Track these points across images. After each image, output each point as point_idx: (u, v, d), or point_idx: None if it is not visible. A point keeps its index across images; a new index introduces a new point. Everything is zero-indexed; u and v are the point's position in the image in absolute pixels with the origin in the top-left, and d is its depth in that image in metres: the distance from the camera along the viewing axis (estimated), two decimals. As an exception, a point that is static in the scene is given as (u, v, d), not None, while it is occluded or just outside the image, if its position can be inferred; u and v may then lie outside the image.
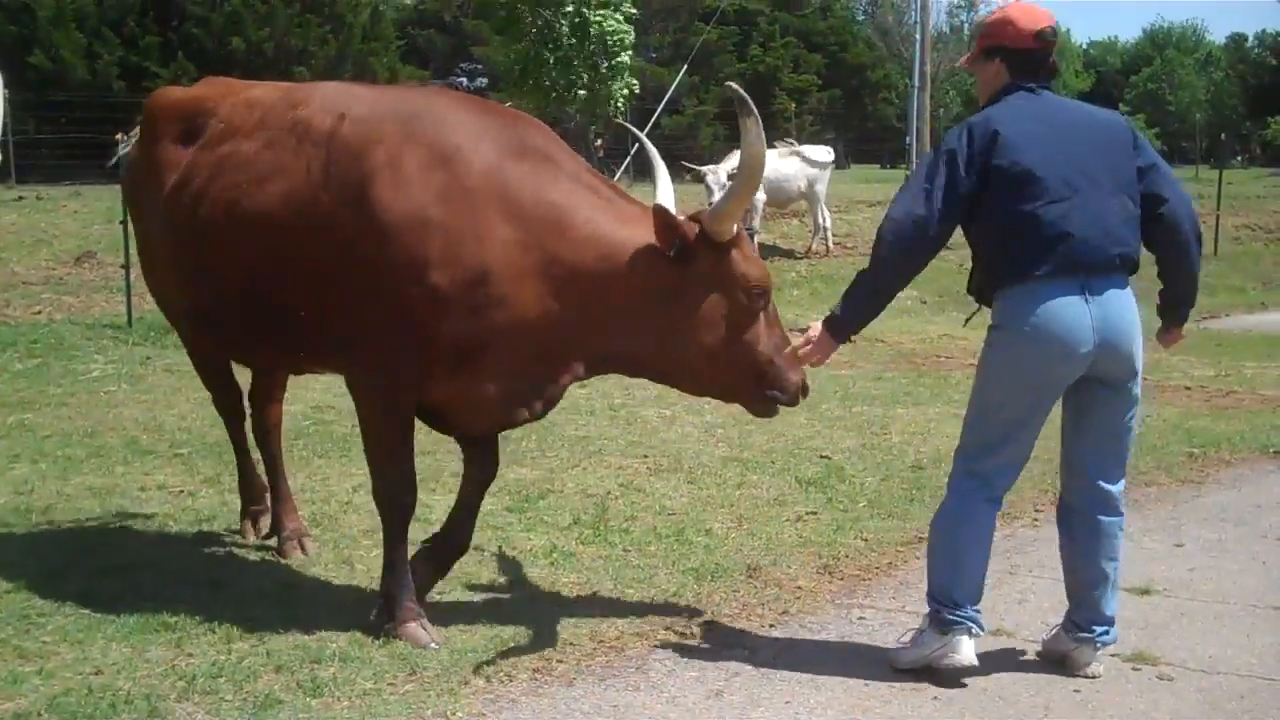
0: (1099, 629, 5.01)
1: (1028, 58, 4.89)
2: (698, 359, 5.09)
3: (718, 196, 17.86)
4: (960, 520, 4.93)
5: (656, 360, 5.19)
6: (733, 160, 18.39)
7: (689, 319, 5.03)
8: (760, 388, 5.17)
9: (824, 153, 21.03)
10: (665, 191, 5.51)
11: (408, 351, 5.06)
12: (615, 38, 14.16)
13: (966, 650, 4.86)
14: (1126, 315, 4.77)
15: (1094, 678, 4.95)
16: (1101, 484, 4.95)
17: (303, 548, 6.35)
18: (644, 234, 4.98)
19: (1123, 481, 5.03)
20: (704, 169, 18.84)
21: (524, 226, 4.99)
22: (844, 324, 4.96)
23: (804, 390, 5.24)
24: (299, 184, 5.21)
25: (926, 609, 5.03)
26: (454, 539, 5.60)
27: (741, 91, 4.89)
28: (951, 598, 4.88)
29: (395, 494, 5.29)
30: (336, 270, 5.07)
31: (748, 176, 4.95)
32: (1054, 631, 5.18)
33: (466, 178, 5.00)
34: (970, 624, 4.89)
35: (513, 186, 5.03)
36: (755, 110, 4.79)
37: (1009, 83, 4.90)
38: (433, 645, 5.08)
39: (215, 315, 5.75)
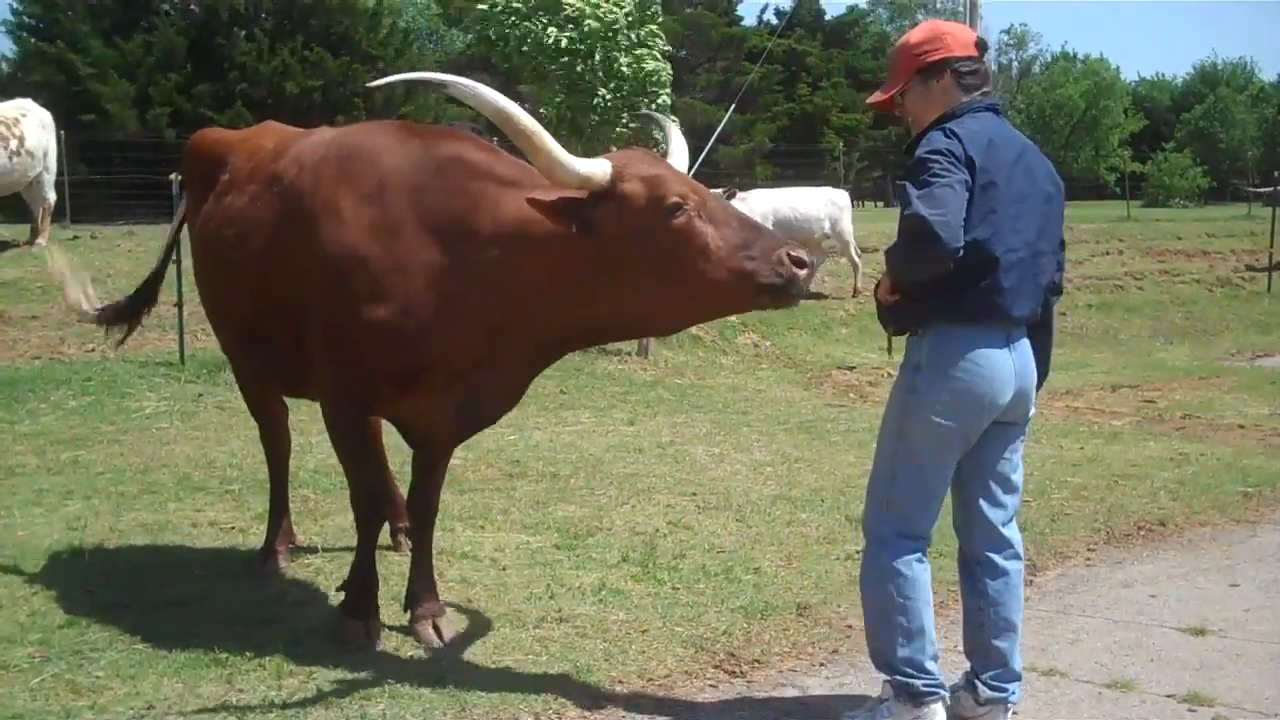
0: (1010, 686, 4.75)
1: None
2: (661, 299, 4.86)
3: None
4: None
5: (621, 321, 5.10)
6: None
7: (630, 272, 4.78)
8: (749, 286, 4.70)
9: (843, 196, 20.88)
10: (677, 155, 5.40)
11: (354, 378, 5.34)
12: (655, 78, 14.16)
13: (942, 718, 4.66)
14: None
15: None
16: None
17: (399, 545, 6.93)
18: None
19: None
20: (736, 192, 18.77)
21: (444, 246, 5.08)
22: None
23: (797, 262, 4.64)
24: (271, 234, 5.55)
25: (884, 679, 4.71)
26: (413, 586, 5.81)
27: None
28: (922, 665, 4.60)
29: (360, 501, 5.64)
30: (301, 306, 5.37)
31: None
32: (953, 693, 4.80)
33: (390, 209, 5.16)
34: (944, 690, 4.65)
35: (430, 209, 5.13)
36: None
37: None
38: (365, 647, 5.42)
39: (234, 350, 6.38)
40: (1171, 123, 71.55)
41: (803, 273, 4.63)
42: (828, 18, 60.55)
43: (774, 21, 54.55)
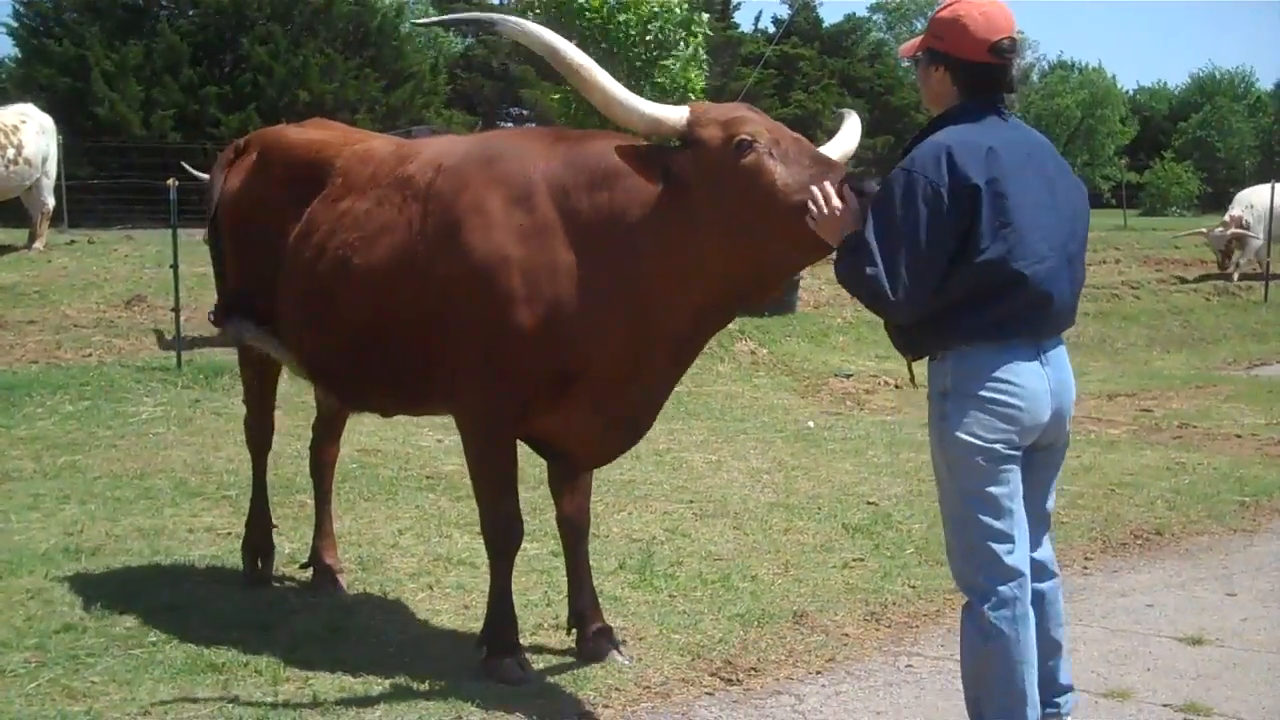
0: (1061, 700, 4.45)
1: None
2: (750, 249, 4.65)
3: None
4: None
5: (733, 283, 4.83)
6: None
7: (718, 221, 4.65)
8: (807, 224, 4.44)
9: None
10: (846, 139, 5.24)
11: (506, 388, 5.13)
12: (689, 88, 13.88)
13: None
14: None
15: None
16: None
17: (335, 584, 6.44)
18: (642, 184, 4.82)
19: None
20: None
21: (588, 244, 4.99)
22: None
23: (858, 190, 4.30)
24: (405, 238, 5.36)
25: None
26: (578, 605, 5.67)
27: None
28: None
29: (497, 529, 5.37)
30: (438, 315, 5.20)
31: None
32: None
33: (540, 211, 5.06)
34: None
35: (576, 209, 5.04)
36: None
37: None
38: (524, 681, 5.16)
39: (329, 362, 5.88)
40: (1169, 131, 71.57)
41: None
42: (826, 25, 60.53)
43: (770, 29, 54.51)
